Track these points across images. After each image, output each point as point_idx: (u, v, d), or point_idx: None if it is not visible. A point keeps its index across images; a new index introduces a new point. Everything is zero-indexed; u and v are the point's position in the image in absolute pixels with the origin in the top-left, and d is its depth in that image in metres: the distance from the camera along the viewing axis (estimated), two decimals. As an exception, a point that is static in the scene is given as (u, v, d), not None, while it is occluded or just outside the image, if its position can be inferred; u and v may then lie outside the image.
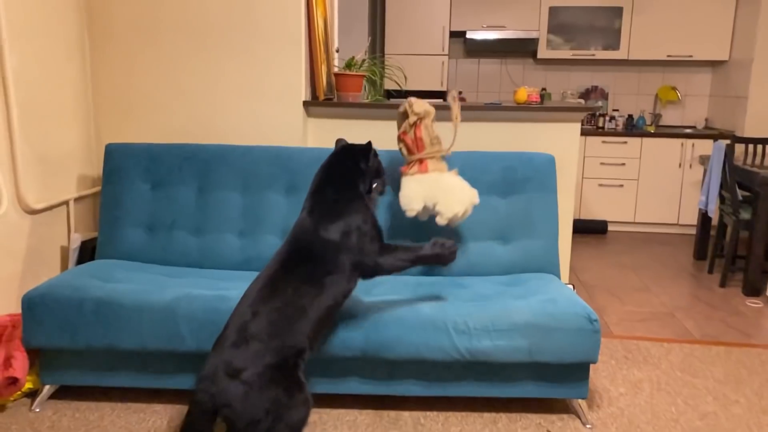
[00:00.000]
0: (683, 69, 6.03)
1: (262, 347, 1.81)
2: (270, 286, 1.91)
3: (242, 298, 1.93)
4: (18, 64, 2.62)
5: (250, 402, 1.75)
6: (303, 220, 2.05)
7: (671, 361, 2.85)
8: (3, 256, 2.56)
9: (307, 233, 2.01)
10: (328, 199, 2.07)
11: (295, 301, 1.88)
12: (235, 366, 1.78)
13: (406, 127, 2.50)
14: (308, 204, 2.09)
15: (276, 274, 1.94)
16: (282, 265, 1.96)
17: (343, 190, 2.10)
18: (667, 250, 5.04)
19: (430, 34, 5.86)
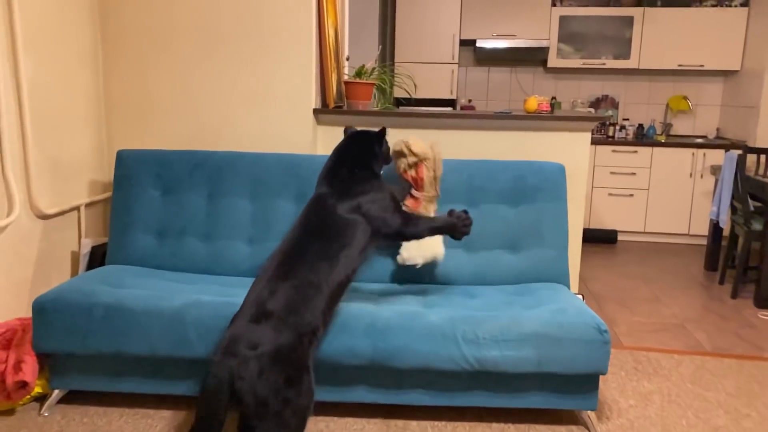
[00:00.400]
0: (694, 78, 6.01)
1: (279, 324, 1.84)
2: (287, 264, 1.96)
3: (259, 275, 1.97)
4: (32, 71, 2.64)
5: (263, 379, 1.77)
6: (319, 199, 2.13)
7: (682, 374, 2.83)
8: (15, 261, 2.58)
9: (324, 211, 2.08)
10: (346, 178, 2.17)
11: (311, 278, 1.93)
12: (253, 341, 1.80)
13: (406, 167, 2.61)
14: (324, 184, 2.18)
15: (292, 251, 1.99)
16: (298, 243, 2.01)
17: (360, 169, 2.21)
18: (678, 260, 5.01)
19: (440, 43, 5.87)
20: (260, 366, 1.77)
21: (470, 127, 3.17)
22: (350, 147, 2.29)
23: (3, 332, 2.28)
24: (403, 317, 2.19)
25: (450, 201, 2.80)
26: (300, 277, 1.93)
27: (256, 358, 1.78)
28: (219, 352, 1.80)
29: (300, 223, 2.09)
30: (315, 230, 2.05)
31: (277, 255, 2.00)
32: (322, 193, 2.16)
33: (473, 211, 2.79)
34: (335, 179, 2.19)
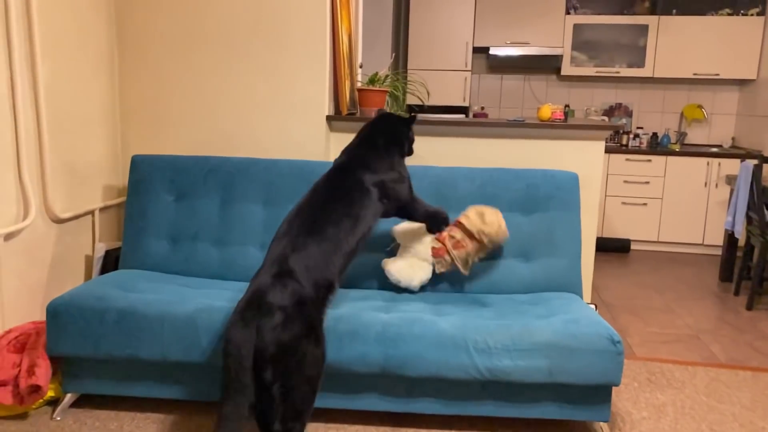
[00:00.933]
0: (709, 87, 5.97)
1: (301, 278, 1.93)
2: (311, 222, 2.05)
3: (281, 232, 2.06)
4: (49, 77, 2.67)
5: (287, 329, 1.84)
6: (345, 166, 2.24)
7: (696, 385, 2.80)
8: (29, 264, 2.60)
9: (350, 177, 2.19)
10: (373, 154, 2.28)
11: (332, 236, 2.03)
12: (275, 294, 1.87)
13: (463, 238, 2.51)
14: (354, 152, 2.30)
15: (316, 211, 2.08)
16: (323, 202, 2.11)
17: (390, 145, 2.34)
18: (692, 270, 4.96)
19: (453, 50, 5.88)
20: (284, 316, 1.84)
21: (483, 135, 3.16)
22: (385, 123, 2.39)
23: (17, 336, 2.30)
24: (414, 325, 2.18)
25: (462, 209, 2.79)
26: (323, 234, 2.03)
27: (280, 310, 1.85)
28: (242, 305, 1.88)
29: (324, 186, 2.19)
30: (339, 192, 2.15)
31: (299, 214, 2.09)
32: (348, 161, 2.27)
33: (486, 219, 2.78)
34: (367, 149, 2.30)
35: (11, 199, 2.47)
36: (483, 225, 2.49)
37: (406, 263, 2.59)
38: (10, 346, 2.26)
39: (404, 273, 2.58)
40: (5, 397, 2.14)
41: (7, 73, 2.42)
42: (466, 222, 2.51)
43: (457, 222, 2.53)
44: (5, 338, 2.28)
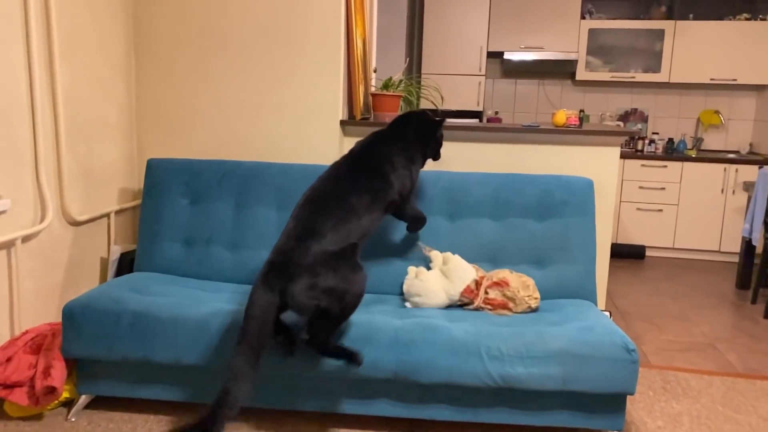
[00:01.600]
0: (727, 92, 5.92)
1: (326, 239, 2.02)
2: (337, 191, 2.15)
3: (305, 199, 2.15)
4: (68, 81, 2.70)
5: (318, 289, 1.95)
6: (373, 148, 2.32)
7: (712, 395, 2.77)
8: (46, 266, 2.63)
9: (373, 159, 2.28)
10: (403, 143, 2.37)
11: (354, 206, 2.13)
12: (300, 259, 1.97)
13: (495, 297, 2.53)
14: (382, 138, 2.37)
15: (341, 182, 2.19)
16: (346, 177, 2.21)
17: (416, 143, 2.42)
18: (708, 278, 4.91)
19: (467, 54, 5.87)
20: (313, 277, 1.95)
21: (497, 140, 3.15)
22: (414, 122, 2.45)
23: (33, 337, 2.32)
24: (427, 331, 2.18)
25: (475, 215, 2.79)
26: (347, 203, 2.12)
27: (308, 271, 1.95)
28: (266, 268, 1.98)
29: (348, 162, 2.28)
30: (361, 170, 2.24)
31: (324, 183, 2.20)
32: (375, 145, 2.34)
33: (499, 225, 2.77)
34: (390, 140, 2.37)
35: (29, 201, 2.50)
36: (515, 305, 2.50)
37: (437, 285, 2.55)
38: (26, 347, 2.28)
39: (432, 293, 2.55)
40: (21, 398, 2.16)
41: (26, 76, 2.45)
42: (506, 290, 2.51)
43: (501, 282, 2.51)
44: (22, 339, 2.30)
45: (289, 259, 1.98)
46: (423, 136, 2.45)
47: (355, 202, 2.14)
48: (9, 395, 2.16)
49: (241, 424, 2.34)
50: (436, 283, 2.51)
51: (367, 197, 2.17)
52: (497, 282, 2.50)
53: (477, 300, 2.49)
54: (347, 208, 2.12)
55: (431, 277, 2.54)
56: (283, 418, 2.39)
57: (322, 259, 1.99)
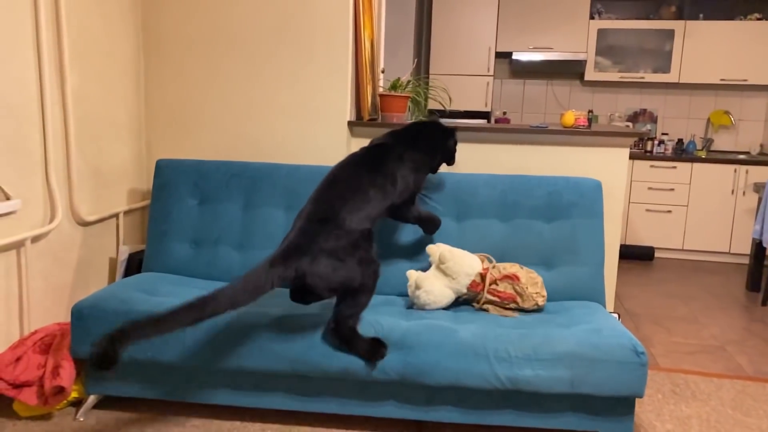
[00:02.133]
0: (737, 93, 5.88)
1: (345, 223, 2.10)
2: (354, 180, 2.24)
3: (323, 186, 2.24)
4: (77, 82, 2.71)
5: (339, 272, 2.04)
6: (388, 147, 2.40)
7: (722, 398, 2.75)
8: (55, 266, 2.64)
9: (385, 158, 2.35)
10: (414, 149, 2.44)
11: (369, 197, 2.21)
12: (321, 241, 2.04)
13: (504, 290, 2.52)
14: (397, 139, 2.45)
15: (357, 174, 2.27)
16: (362, 170, 2.28)
17: (426, 152, 2.49)
18: (718, 279, 4.88)
19: (475, 55, 5.86)
20: (332, 259, 2.03)
21: (505, 141, 3.14)
22: (428, 131, 2.54)
23: (42, 337, 2.34)
24: (434, 333, 2.17)
25: (483, 216, 2.79)
26: (364, 192, 2.21)
27: (326, 254, 2.03)
28: (285, 247, 2.03)
29: (363, 156, 2.37)
30: (376, 166, 2.32)
31: (343, 170, 2.29)
32: (389, 145, 2.42)
33: (507, 227, 2.77)
34: (403, 143, 2.44)
35: (39, 201, 2.52)
36: (522, 300, 2.50)
37: (441, 285, 2.52)
38: (35, 347, 2.29)
39: (437, 293, 2.52)
40: (30, 397, 2.17)
41: (36, 78, 2.47)
42: (515, 284, 2.50)
43: (512, 276, 2.50)
44: (31, 339, 2.32)
45: (312, 241, 2.05)
46: (432, 146, 2.52)
47: (371, 193, 2.23)
48: (18, 395, 2.18)
49: (246, 425, 2.34)
50: (439, 287, 2.49)
51: (379, 193, 2.26)
52: (508, 276, 2.49)
53: (483, 293, 2.48)
54: (363, 196, 2.21)
55: (434, 283, 2.49)
56: (288, 420, 2.39)
57: (341, 241, 2.07)
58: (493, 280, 2.49)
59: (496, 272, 2.50)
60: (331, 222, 2.10)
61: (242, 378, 2.28)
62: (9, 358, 2.22)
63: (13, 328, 2.42)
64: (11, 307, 2.40)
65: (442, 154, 2.58)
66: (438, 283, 2.49)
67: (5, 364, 2.19)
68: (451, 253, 2.50)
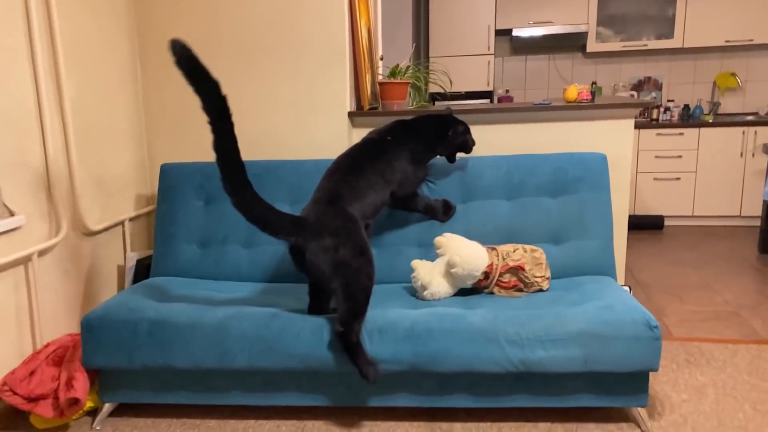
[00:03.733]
0: (743, 54, 5.78)
1: (351, 207, 2.25)
2: (359, 168, 2.38)
3: (331, 170, 2.38)
4: (75, 92, 2.72)
5: (339, 253, 2.12)
6: (390, 141, 2.49)
7: (737, 364, 2.73)
8: (64, 278, 2.66)
9: (391, 150, 2.47)
10: (416, 141, 2.55)
11: (372, 184, 2.36)
12: (326, 220, 2.17)
13: (509, 280, 2.51)
14: (402, 129, 2.55)
15: (362, 162, 2.40)
16: (367, 159, 2.42)
17: (428, 144, 2.59)
18: (729, 244, 4.83)
19: (475, 34, 5.80)
20: (336, 238, 2.12)
21: (508, 121, 3.11)
22: (433, 124, 2.62)
23: (55, 350, 2.36)
24: (443, 320, 2.17)
25: (489, 197, 2.77)
26: (368, 178, 2.35)
27: (331, 233, 2.13)
28: (298, 218, 2.15)
29: (369, 144, 2.49)
30: (380, 155, 2.44)
31: (348, 157, 2.43)
32: (392, 136, 2.52)
33: (514, 206, 2.76)
34: (407, 135, 2.55)
35: (43, 215, 2.53)
36: (527, 288, 2.51)
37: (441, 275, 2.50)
38: (48, 360, 2.32)
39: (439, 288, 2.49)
40: (46, 410, 2.20)
41: (33, 90, 2.47)
42: (521, 273, 2.49)
43: (517, 267, 2.48)
44: (44, 352, 2.34)
45: (320, 220, 2.16)
46: (431, 137, 2.60)
47: (373, 179, 2.37)
48: (34, 408, 2.20)
49: (262, 423, 2.36)
50: (445, 288, 2.46)
51: (381, 180, 2.39)
52: (513, 267, 2.48)
53: (489, 286, 2.47)
54: (366, 182, 2.34)
55: (440, 283, 2.46)
56: (302, 415, 2.40)
57: (345, 224, 2.18)
58: (499, 274, 2.48)
59: (500, 261, 2.48)
60: (338, 204, 2.24)
61: (254, 378, 2.30)
62: (23, 372, 2.24)
63: (25, 343, 2.44)
64: (23, 321, 2.42)
65: (445, 145, 2.63)
66: (444, 284, 2.47)
67: (20, 379, 2.22)
68: (460, 258, 2.40)
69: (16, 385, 2.21)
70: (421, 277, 2.46)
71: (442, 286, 2.46)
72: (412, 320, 2.18)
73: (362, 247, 2.16)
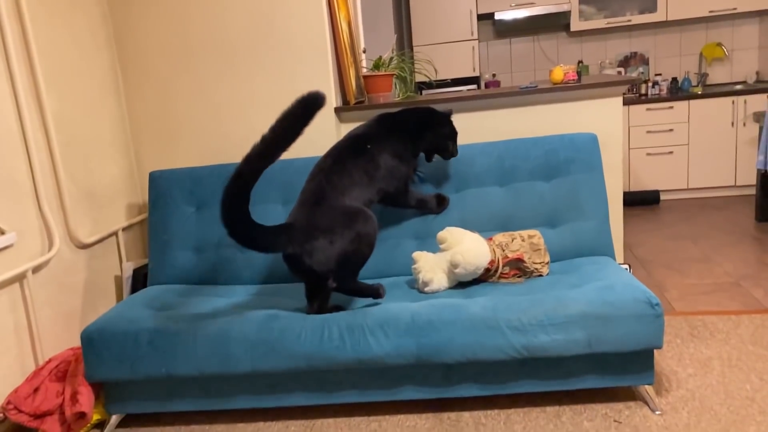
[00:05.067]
0: (728, 23, 5.76)
1: (337, 203, 2.25)
2: (340, 165, 2.36)
3: (314, 172, 2.37)
4: (56, 106, 2.69)
5: (336, 245, 2.16)
6: (371, 137, 2.46)
7: (741, 335, 2.73)
8: (61, 293, 2.64)
9: (372, 146, 2.44)
10: (393, 140, 2.50)
11: (356, 180, 2.34)
12: (316, 221, 2.18)
13: (509, 272, 2.51)
14: (383, 126, 2.51)
15: (344, 162, 2.37)
16: (350, 155, 2.40)
17: (402, 140, 2.52)
18: (726, 214, 4.83)
19: (457, 20, 5.76)
20: (329, 236, 2.15)
21: (495, 106, 3.10)
22: (414, 118, 2.58)
23: (57, 365, 2.34)
24: (444, 311, 2.16)
25: (482, 184, 2.76)
26: (351, 176, 2.34)
27: (322, 232, 2.16)
28: (290, 224, 2.18)
29: (351, 142, 2.46)
30: (360, 150, 2.42)
31: (330, 156, 2.40)
32: (375, 132, 2.49)
33: (507, 192, 2.75)
34: (387, 131, 2.51)
35: (34, 231, 2.51)
36: (527, 276, 2.51)
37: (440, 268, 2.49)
38: (51, 375, 2.30)
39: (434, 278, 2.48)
40: (53, 426, 2.19)
41: (13, 108, 2.44)
42: (520, 264, 2.49)
43: (517, 258, 2.47)
44: (46, 368, 2.33)
45: (308, 222, 2.18)
46: (407, 133, 2.55)
47: (355, 176, 2.35)
48: (41, 425, 2.19)
49: (270, 424, 2.35)
50: (446, 284, 2.46)
51: (364, 177, 2.38)
52: (513, 258, 2.47)
53: (496, 263, 2.46)
54: (349, 179, 2.33)
55: (441, 280, 2.45)
56: (310, 415, 2.39)
57: (336, 217, 2.19)
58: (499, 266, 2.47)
59: (500, 253, 2.47)
60: (323, 203, 2.24)
61: (259, 380, 2.29)
62: (27, 390, 2.23)
63: (27, 360, 2.42)
64: (22, 339, 2.40)
65: (423, 141, 2.58)
66: (445, 281, 2.45)
67: (24, 396, 2.20)
68: (463, 257, 2.37)
69: (20, 402, 2.20)
70: (423, 272, 2.45)
71: (443, 282, 2.45)
72: (413, 313, 2.17)
73: (357, 227, 2.20)
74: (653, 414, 2.19)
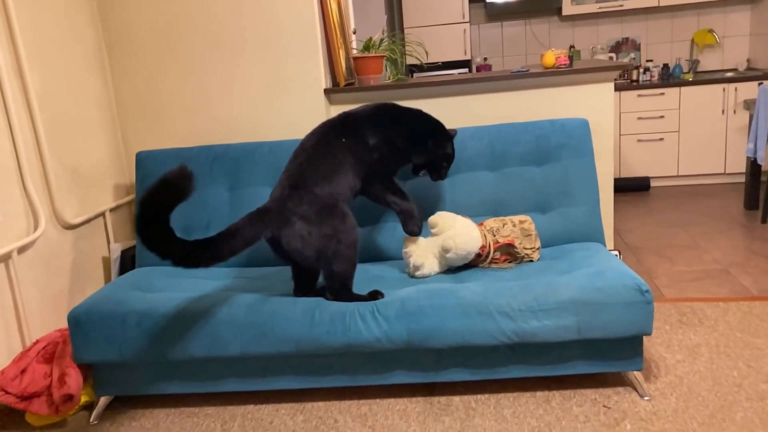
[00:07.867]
0: (719, 9, 5.75)
1: (317, 188, 2.17)
2: (324, 146, 2.27)
3: (294, 154, 2.29)
4: (40, 85, 2.63)
5: (314, 236, 2.11)
6: (367, 120, 2.37)
7: (729, 322, 2.75)
8: (48, 274, 2.61)
9: (367, 129, 2.34)
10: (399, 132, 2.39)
11: (341, 162, 2.25)
12: (293, 206, 2.13)
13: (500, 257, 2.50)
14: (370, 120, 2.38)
15: (329, 142, 2.29)
16: (338, 133, 2.31)
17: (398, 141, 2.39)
18: (716, 202, 4.86)
19: (449, 2, 5.70)
20: (306, 223, 2.11)
21: (486, 90, 3.07)
22: (423, 123, 2.45)
23: (45, 346, 2.32)
24: (434, 297, 2.15)
25: (472, 169, 2.75)
26: (334, 159, 2.25)
27: (301, 218, 2.11)
28: (266, 208, 2.13)
29: (338, 123, 2.37)
30: (347, 134, 2.32)
31: (315, 137, 2.31)
32: (359, 123, 2.37)
33: (498, 177, 2.74)
34: (384, 122, 2.39)
35: (19, 211, 2.47)
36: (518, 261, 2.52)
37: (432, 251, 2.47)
38: (38, 357, 2.28)
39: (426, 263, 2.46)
40: (41, 408, 2.17)
41: (-4, 86, 2.39)
42: (511, 249, 2.49)
43: (508, 244, 2.47)
44: (33, 350, 2.30)
45: (284, 206, 2.12)
46: (411, 135, 2.41)
47: (341, 157, 2.26)
48: (28, 406, 2.17)
49: (260, 407, 2.35)
50: (437, 269, 2.45)
51: (349, 156, 2.28)
52: (504, 243, 2.46)
53: (487, 249, 2.45)
54: (333, 161, 2.24)
55: (432, 265, 2.44)
56: (301, 398, 2.39)
57: (313, 207, 2.13)
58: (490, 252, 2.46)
59: (490, 237, 2.46)
60: (301, 188, 2.17)
61: (249, 364, 2.27)
62: (14, 371, 2.20)
63: (14, 342, 2.40)
64: (9, 320, 2.37)
65: (419, 151, 2.42)
66: (436, 265, 2.45)
67: (11, 378, 2.18)
68: (454, 243, 2.36)
69: (7, 384, 2.18)
70: (414, 257, 2.43)
71: (434, 267, 2.44)
72: (403, 298, 2.16)
73: (334, 224, 2.15)
74: (642, 399, 2.20)
